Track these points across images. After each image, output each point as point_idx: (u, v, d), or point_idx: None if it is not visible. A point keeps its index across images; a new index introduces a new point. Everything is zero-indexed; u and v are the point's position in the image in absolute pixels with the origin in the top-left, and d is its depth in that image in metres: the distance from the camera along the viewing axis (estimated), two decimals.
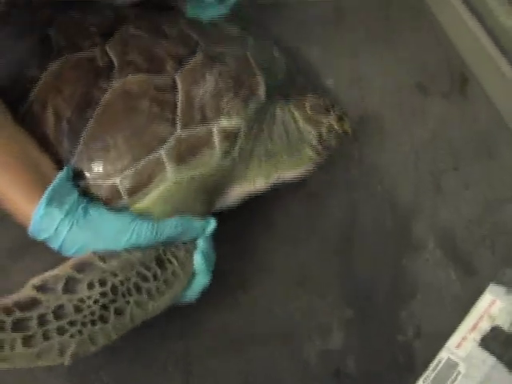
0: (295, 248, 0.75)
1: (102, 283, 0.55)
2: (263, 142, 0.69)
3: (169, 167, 0.62)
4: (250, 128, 0.67)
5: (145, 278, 0.58)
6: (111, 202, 0.62)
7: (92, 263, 0.56)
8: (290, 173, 0.71)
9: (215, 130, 0.64)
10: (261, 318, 0.70)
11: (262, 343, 0.68)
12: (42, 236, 0.57)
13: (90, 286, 0.55)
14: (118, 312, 0.55)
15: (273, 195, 0.74)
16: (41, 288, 0.54)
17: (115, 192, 0.61)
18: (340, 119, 0.71)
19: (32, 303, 0.53)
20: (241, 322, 0.69)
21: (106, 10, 0.72)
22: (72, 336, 0.53)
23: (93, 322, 0.54)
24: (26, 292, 0.54)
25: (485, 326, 0.68)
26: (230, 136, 0.65)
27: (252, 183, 0.69)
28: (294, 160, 0.70)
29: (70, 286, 0.55)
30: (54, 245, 0.58)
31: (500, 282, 0.72)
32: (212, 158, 0.64)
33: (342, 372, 0.68)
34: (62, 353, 0.52)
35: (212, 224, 0.64)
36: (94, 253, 0.57)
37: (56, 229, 0.57)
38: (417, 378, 0.65)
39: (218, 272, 0.63)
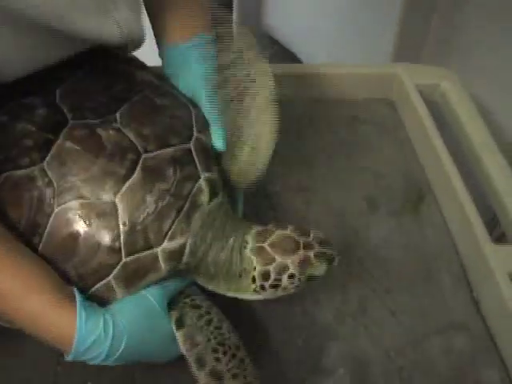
0: None
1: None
2: (206, 258, 0.69)
3: (118, 291, 0.64)
4: (198, 240, 0.67)
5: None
6: None
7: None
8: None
9: (160, 253, 0.64)
10: None
11: None
12: (90, 339, 0.59)
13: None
14: None
15: None
16: None
17: None
18: (307, 261, 0.68)
19: None
20: None
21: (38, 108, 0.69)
22: None
23: None
24: None
25: None
26: (174, 255, 0.65)
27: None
28: (232, 287, 0.71)
29: None
30: (103, 346, 0.60)
31: None
32: (159, 278, 0.66)
33: None
34: None
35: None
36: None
37: (104, 322, 0.60)
38: None
39: None
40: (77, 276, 0.63)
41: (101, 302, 0.63)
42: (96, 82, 0.73)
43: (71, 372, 0.58)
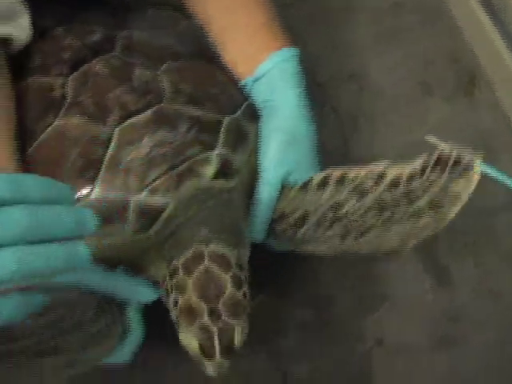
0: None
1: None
2: (184, 228, 0.57)
3: None
4: (180, 211, 0.56)
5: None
6: None
7: None
8: None
9: (132, 203, 0.54)
10: None
11: None
12: None
13: None
14: None
15: None
16: None
17: None
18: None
19: None
20: None
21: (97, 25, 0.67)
22: None
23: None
24: None
25: None
26: (148, 214, 0.55)
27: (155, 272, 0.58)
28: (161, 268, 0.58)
29: None
30: None
31: None
32: (123, 232, 0.55)
33: (290, 375, 0.66)
34: None
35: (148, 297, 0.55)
36: None
37: None
38: None
39: None
40: None
41: None
42: (163, 38, 0.68)
43: None
